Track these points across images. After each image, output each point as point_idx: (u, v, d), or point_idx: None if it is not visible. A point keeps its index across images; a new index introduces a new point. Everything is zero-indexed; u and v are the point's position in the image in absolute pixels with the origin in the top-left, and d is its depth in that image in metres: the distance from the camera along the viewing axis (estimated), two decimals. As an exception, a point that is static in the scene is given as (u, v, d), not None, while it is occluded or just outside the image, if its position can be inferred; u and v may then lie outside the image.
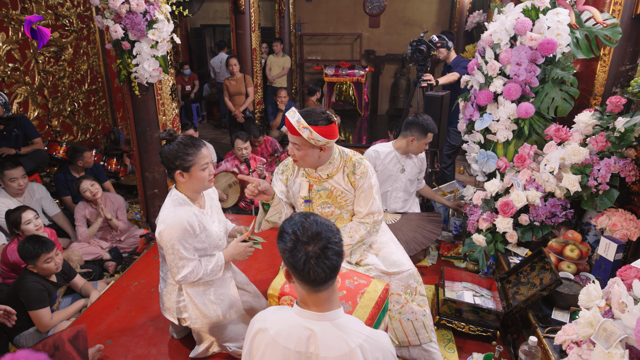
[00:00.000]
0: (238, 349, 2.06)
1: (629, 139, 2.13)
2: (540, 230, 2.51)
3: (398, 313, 2.04)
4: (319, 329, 1.13)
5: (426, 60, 3.56)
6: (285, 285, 1.77)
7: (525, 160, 2.64)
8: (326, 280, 1.11)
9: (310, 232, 1.10)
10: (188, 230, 1.79)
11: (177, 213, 1.79)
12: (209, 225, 1.93)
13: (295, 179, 2.04)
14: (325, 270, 1.09)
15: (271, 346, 1.15)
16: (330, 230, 1.12)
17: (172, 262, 1.81)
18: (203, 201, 1.98)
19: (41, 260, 2.32)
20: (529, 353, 1.83)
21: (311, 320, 1.14)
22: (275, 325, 1.17)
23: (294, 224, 1.13)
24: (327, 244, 1.10)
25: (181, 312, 2.00)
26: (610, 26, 2.47)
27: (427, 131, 2.73)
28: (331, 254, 1.10)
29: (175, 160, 1.78)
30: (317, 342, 1.12)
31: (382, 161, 2.85)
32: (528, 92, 2.63)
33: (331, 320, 1.14)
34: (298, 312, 1.17)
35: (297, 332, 1.14)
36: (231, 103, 5.34)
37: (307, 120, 1.73)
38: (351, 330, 1.14)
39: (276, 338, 1.15)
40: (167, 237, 1.76)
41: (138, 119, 3.22)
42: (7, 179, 3.11)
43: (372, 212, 1.99)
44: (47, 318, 2.32)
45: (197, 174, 1.81)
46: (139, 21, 2.79)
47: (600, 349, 1.35)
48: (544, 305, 2.12)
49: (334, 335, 1.12)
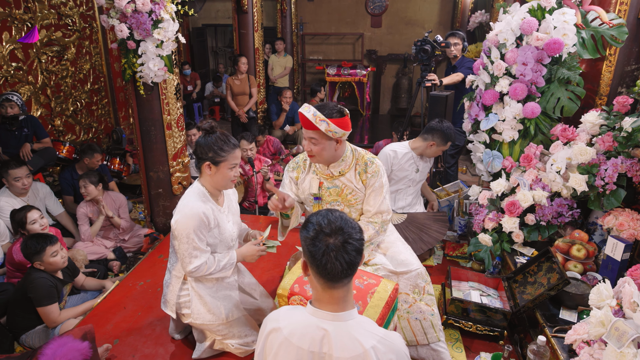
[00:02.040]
0: (241, 345, 2.06)
1: (636, 138, 2.13)
2: (547, 230, 2.51)
3: (406, 312, 2.04)
4: (333, 329, 1.13)
5: (430, 60, 3.56)
6: (295, 285, 1.77)
7: (532, 160, 2.64)
8: (342, 277, 1.11)
9: (333, 226, 1.12)
10: (204, 222, 1.82)
11: (195, 204, 1.83)
12: (223, 223, 1.95)
13: (305, 176, 2.05)
14: (342, 265, 1.09)
15: (285, 346, 1.15)
16: (352, 227, 1.13)
17: (185, 252, 1.83)
18: (222, 199, 2.01)
19: (47, 254, 2.32)
20: (538, 352, 1.83)
21: (325, 320, 1.14)
22: (289, 325, 1.17)
23: (320, 216, 1.15)
24: (348, 238, 1.10)
25: (181, 307, 2.00)
26: (616, 26, 2.48)
27: (447, 140, 2.77)
28: (351, 249, 1.10)
29: (209, 151, 1.82)
30: (330, 343, 1.12)
31: (399, 161, 2.87)
32: (534, 92, 2.63)
33: (345, 320, 1.14)
34: (312, 311, 1.17)
35: (310, 332, 1.14)
36: (234, 103, 5.34)
37: (322, 113, 1.77)
38: (365, 331, 1.13)
39: (290, 338, 1.15)
40: (183, 226, 1.79)
41: (143, 118, 3.22)
42: (11, 179, 3.10)
43: (381, 212, 1.99)
44: (55, 314, 2.32)
45: (224, 170, 1.85)
46: (144, 20, 2.79)
47: (612, 348, 1.35)
48: (551, 304, 2.12)
49: (348, 335, 1.12)
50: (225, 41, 9.84)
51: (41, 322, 2.35)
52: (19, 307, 2.33)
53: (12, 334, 2.36)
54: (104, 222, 3.33)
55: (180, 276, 1.99)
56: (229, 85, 5.30)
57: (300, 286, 1.75)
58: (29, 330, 2.37)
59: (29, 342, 2.35)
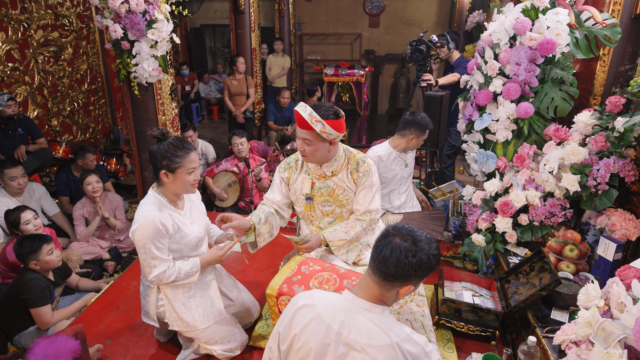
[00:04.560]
0: (224, 352, 2.03)
1: (628, 138, 2.13)
2: (540, 230, 2.50)
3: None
4: (362, 317, 1.18)
5: (426, 60, 3.56)
6: (284, 285, 1.77)
7: (525, 160, 2.63)
8: (388, 272, 1.14)
9: (412, 235, 1.17)
10: (160, 230, 1.78)
11: (150, 213, 1.78)
12: (185, 227, 1.90)
13: (297, 176, 2.05)
14: (395, 255, 1.12)
15: (316, 321, 1.20)
16: (430, 243, 1.17)
17: (144, 262, 1.81)
18: (182, 203, 1.96)
19: (44, 253, 2.33)
20: (528, 353, 1.83)
21: (360, 308, 1.19)
22: (323, 304, 1.23)
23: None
24: (418, 244, 1.15)
25: (163, 316, 1.97)
26: (609, 26, 2.47)
27: (425, 128, 2.80)
28: (412, 257, 1.13)
29: (163, 160, 1.77)
30: (359, 330, 1.16)
31: (384, 163, 2.87)
32: (527, 92, 2.63)
33: (377, 312, 1.19)
34: (350, 298, 1.22)
35: (342, 316, 1.19)
36: (232, 103, 5.34)
37: (318, 113, 1.77)
38: (393, 327, 1.17)
39: (322, 315, 1.20)
40: (139, 236, 1.76)
41: (137, 118, 3.22)
42: (7, 178, 3.11)
43: (369, 210, 2.00)
44: (48, 316, 2.33)
45: (182, 176, 1.80)
46: (138, 21, 2.79)
47: (598, 349, 1.35)
48: (544, 305, 2.12)
49: (376, 326, 1.16)
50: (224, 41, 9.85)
51: (34, 322, 2.36)
52: (11, 308, 2.33)
53: (5, 335, 2.37)
54: (100, 222, 3.34)
55: (153, 286, 1.96)
56: (226, 85, 5.30)
57: (288, 286, 1.75)
58: (22, 331, 2.37)
59: (23, 343, 2.35)
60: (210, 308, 2.00)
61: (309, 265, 1.88)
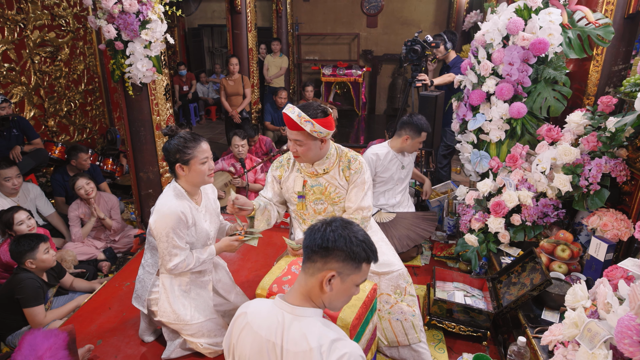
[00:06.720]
0: (210, 345, 2.06)
1: (619, 138, 2.13)
2: (532, 231, 2.50)
3: (387, 313, 2.04)
4: (289, 321, 1.14)
5: (420, 60, 3.55)
6: (274, 285, 1.77)
7: (517, 160, 2.63)
8: (312, 246, 1.12)
9: (346, 222, 1.17)
10: (182, 220, 1.85)
11: (172, 202, 1.85)
12: (200, 222, 1.97)
13: (289, 174, 2.06)
14: (321, 229, 1.12)
15: (246, 330, 1.19)
16: (360, 231, 1.17)
17: (165, 250, 1.86)
18: (200, 199, 2.04)
19: (41, 251, 2.34)
20: (518, 353, 1.83)
21: (285, 312, 1.16)
22: (254, 312, 1.21)
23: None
24: (348, 226, 1.14)
25: (151, 303, 2.03)
26: (602, 26, 2.47)
27: (420, 130, 2.81)
28: (335, 230, 1.12)
29: (176, 153, 1.85)
30: (284, 334, 1.13)
31: (382, 162, 2.91)
32: (520, 92, 2.63)
33: (301, 316, 1.15)
34: (278, 303, 1.20)
35: (270, 321, 1.17)
36: (228, 103, 5.34)
37: (306, 113, 1.79)
38: (317, 331, 1.12)
39: (251, 323, 1.18)
40: (162, 225, 1.82)
41: (132, 119, 3.22)
42: (1, 179, 3.11)
43: (361, 208, 2.00)
44: (41, 316, 2.33)
45: (196, 167, 1.87)
46: (131, 21, 2.79)
47: (584, 349, 1.35)
48: (535, 305, 2.12)
49: (300, 331, 1.12)
50: (222, 41, 9.84)
51: (27, 322, 2.36)
52: (4, 308, 2.34)
53: (-3, 335, 2.37)
54: (95, 223, 3.34)
55: (153, 272, 2.01)
56: (222, 85, 5.30)
57: (278, 286, 1.75)
58: (15, 331, 2.37)
59: (16, 343, 2.35)
60: (203, 306, 2.06)
61: (299, 265, 1.88)
